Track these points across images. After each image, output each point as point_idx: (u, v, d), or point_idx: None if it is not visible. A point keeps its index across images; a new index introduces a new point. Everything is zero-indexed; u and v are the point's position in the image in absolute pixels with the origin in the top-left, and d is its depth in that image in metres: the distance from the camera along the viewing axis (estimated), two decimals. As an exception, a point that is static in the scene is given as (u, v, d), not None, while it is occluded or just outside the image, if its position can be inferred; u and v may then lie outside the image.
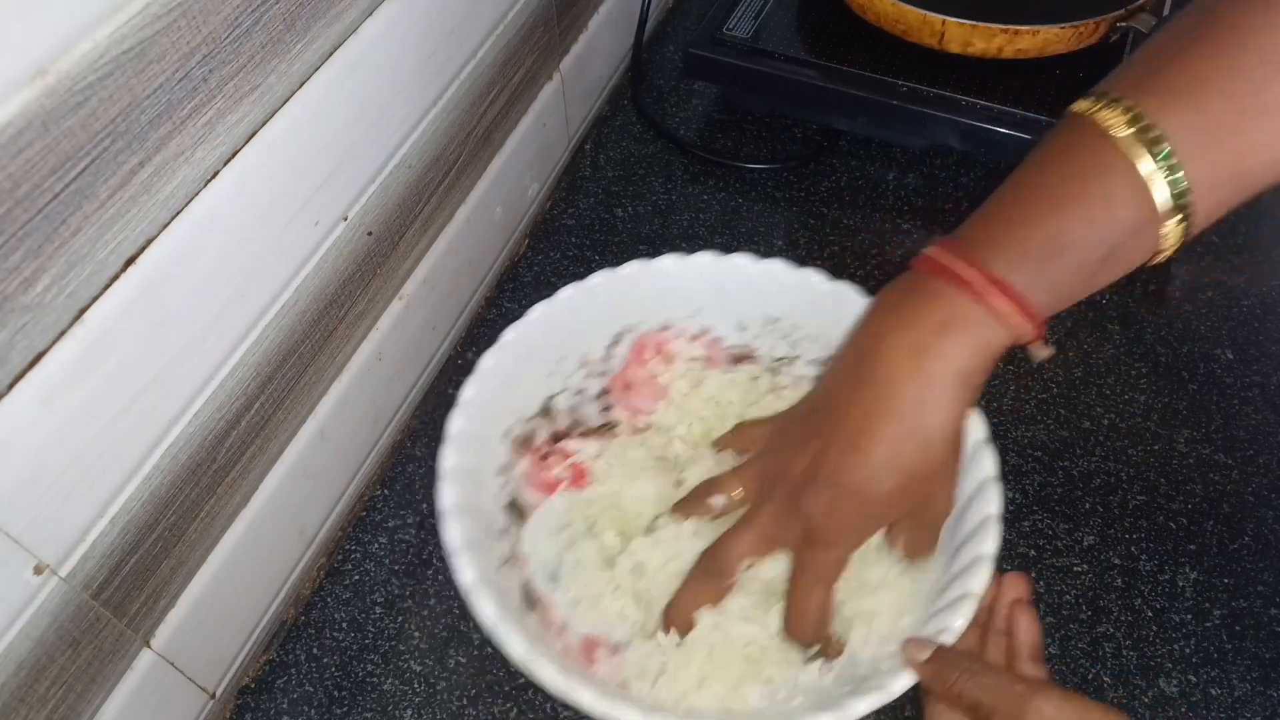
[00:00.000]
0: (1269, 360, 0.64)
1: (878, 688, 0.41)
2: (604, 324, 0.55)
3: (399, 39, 0.50)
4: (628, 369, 0.56)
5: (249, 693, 0.53)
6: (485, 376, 0.50)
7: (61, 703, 0.40)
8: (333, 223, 0.49)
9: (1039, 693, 0.37)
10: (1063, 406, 0.62)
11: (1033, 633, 0.45)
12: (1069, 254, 0.38)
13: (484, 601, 0.42)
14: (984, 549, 0.44)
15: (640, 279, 0.54)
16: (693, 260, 0.55)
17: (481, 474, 0.49)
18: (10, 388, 0.34)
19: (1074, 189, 0.38)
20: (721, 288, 0.55)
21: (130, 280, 0.37)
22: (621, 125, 0.81)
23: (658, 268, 0.54)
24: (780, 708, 0.45)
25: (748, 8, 0.77)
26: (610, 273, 0.54)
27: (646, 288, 0.55)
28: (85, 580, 0.40)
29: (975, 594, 0.43)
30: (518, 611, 0.45)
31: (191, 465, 0.44)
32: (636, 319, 0.56)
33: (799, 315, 0.55)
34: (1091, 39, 0.69)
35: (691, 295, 0.56)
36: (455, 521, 0.44)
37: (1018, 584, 0.47)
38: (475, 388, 0.50)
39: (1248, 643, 0.52)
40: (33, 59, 0.31)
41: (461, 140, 0.60)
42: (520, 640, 0.42)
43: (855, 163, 0.77)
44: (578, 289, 0.53)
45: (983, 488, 0.46)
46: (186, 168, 0.38)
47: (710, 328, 0.57)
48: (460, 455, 0.47)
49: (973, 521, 0.45)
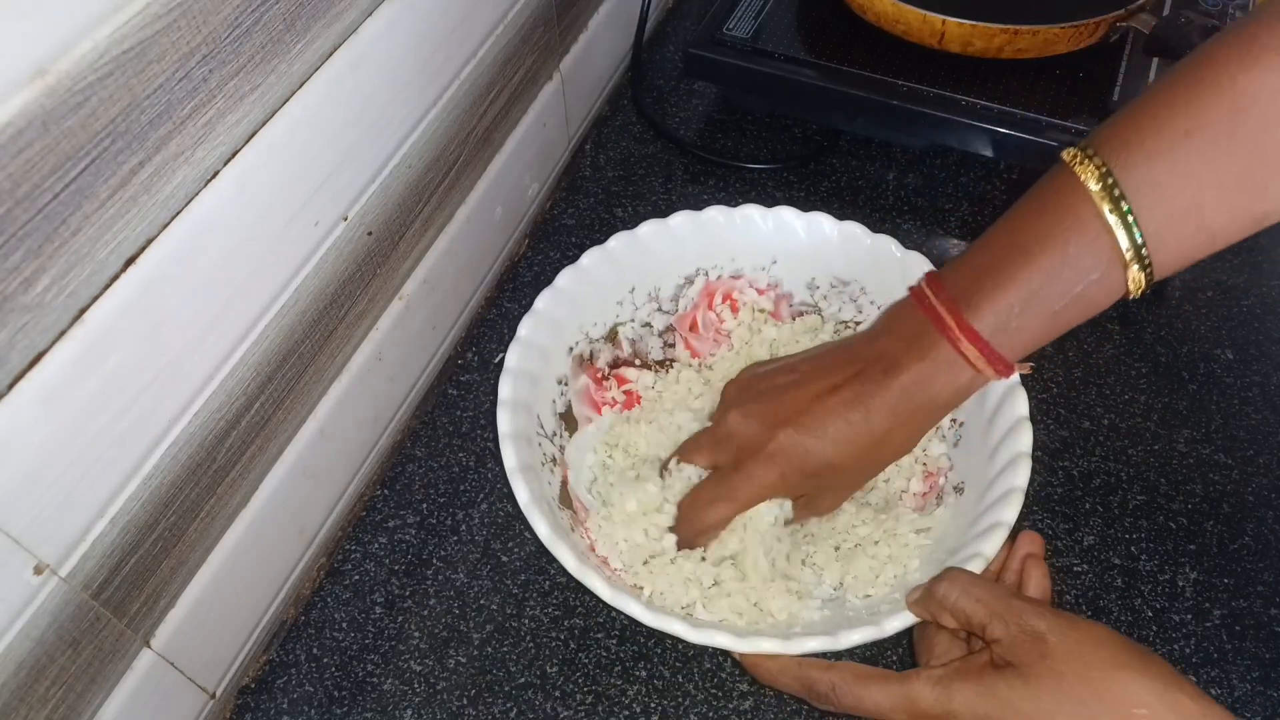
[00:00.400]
0: (1269, 360, 0.64)
1: (871, 623, 0.42)
2: (679, 263, 0.57)
3: (399, 39, 0.50)
4: (695, 310, 0.58)
5: (249, 693, 0.53)
6: (559, 292, 0.53)
7: (61, 703, 0.40)
8: (333, 223, 0.49)
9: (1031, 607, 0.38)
10: (1063, 406, 0.62)
11: (1044, 586, 0.46)
12: (1036, 304, 0.42)
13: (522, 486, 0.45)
14: (1016, 481, 0.45)
15: (721, 224, 0.56)
16: (773, 213, 0.56)
17: (541, 379, 0.52)
18: (10, 388, 0.34)
19: (1044, 241, 0.42)
20: (797, 244, 0.56)
21: (130, 280, 0.37)
22: (621, 125, 0.81)
23: (739, 215, 0.56)
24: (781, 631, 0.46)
25: (748, 8, 0.77)
26: (692, 214, 0.55)
27: (725, 234, 0.56)
28: (85, 580, 0.40)
29: (1006, 523, 0.44)
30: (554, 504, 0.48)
31: (191, 465, 0.44)
32: (711, 263, 0.57)
33: (868, 280, 0.56)
34: (1091, 39, 0.69)
35: (767, 248, 0.57)
36: (509, 413, 0.47)
37: (1032, 541, 0.48)
38: (548, 300, 0.52)
39: (1248, 643, 0.52)
40: (33, 59, 0.31)
41: (461, 140, 0.60)
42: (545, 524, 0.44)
43: (855, 163, 0.77)
44: (659, 225, 0.55)
45: (1015, 426, 0.47)
46: (186, 168, 0.38)
47: (780, 282, 0.58)
48: (524, 358, 0.50)
49: (1005, 457, 0.47)
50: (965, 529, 0.46)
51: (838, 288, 0.57)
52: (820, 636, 0.42)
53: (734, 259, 0.57)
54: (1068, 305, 0.42)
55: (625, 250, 0.55)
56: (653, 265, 0.56)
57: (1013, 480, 0.45)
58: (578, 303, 0.54)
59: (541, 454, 0.50)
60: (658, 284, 0.57)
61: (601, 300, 0.56)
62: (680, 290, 0.58)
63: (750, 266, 0.58)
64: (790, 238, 0.56)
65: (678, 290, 0.58)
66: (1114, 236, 0.40)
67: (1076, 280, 0.42)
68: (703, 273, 0.57)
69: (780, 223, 0.56)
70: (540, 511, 0.44)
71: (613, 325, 0.57)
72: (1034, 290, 0.42)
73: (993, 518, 0.45)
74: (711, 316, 0.58)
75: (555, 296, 0.53)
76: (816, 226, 0.56)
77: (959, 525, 0.48)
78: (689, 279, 0.58)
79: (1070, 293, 0.42)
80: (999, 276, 0.43)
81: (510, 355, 0.50)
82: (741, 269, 0.58)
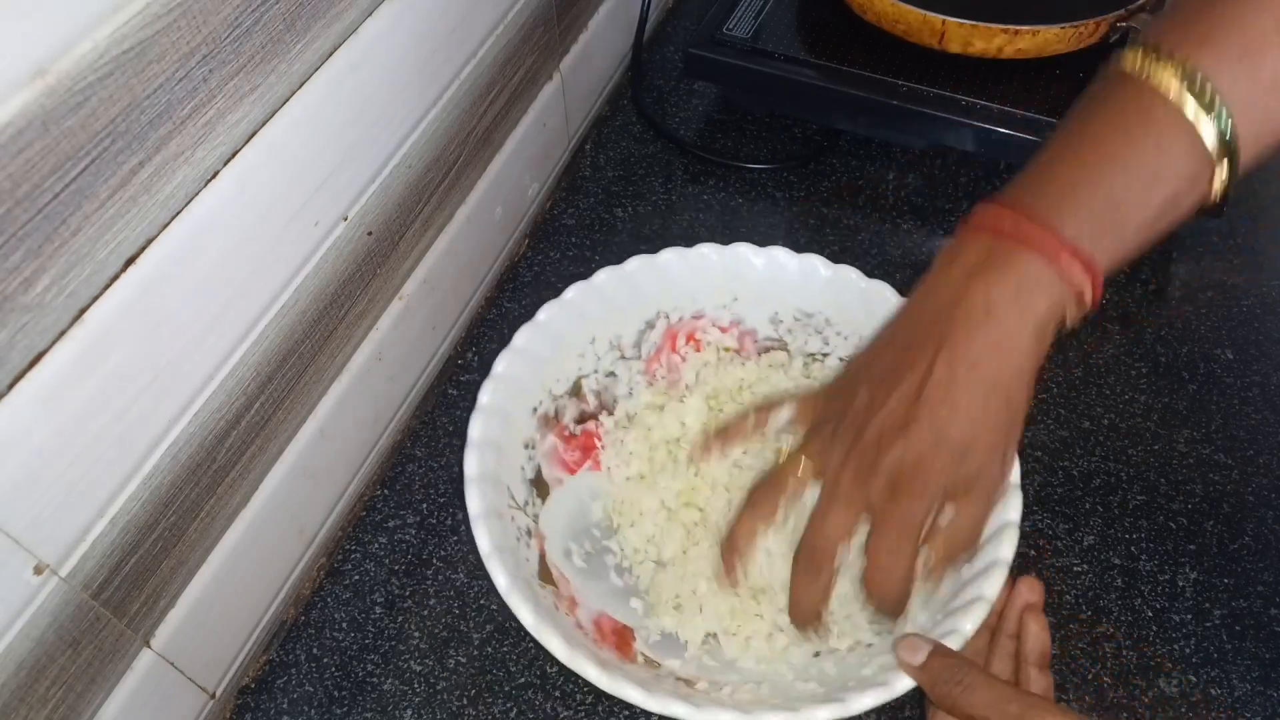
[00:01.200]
0: (1269, 360, 0.64)
1: (881, 683, 0.41)
2: (638, 309, 0.56)
3: (399, 39, 0.50)
4: (659, 354, 0.57)
5: (249, 693, 0.53)
6: (518, 352, 0.51)
7: (61, 703, 0.40)
8: (333, 223, 0.49)
9: (1034, 712, 0.37)
10: (1063, 406, 0.62)
11: (1042, 640, 0.45)
12: (1131, 212, 0.39)
13: (499, 570, 0.43)
14: (1000, 554, 0.43)
15: (676, 266, 0.55)
16: (729, 250, 0.55)
17: (507, 447, 0.50)
18: (10, 388, 0.34)
19: (1132, 148, 0.39)
20: (756, 279, 0.56)
21: (130, 280, 0.37)
22: (621, 125, 0.81)
23: (695, 255, 0.55)
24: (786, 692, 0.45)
25: (748, 8, 0.77)
26: (647, 258, 0.54)
27: (682, 275, 0.55)
28: (85, 580, 0.40)
29: (988, 599, 0.42)
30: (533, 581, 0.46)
31: (191, 465, 0.44)
32: (670, 305, 0.56)
33: (832, 311, 0.55)
34: (1091, 39, 0.69)
35: (726, 285, 0.56)
36: (477, 490, 0.45)
37: (1033, 588, 0.46)
38: (507, 362, 0.50)
39: (1248, 643, 0.52)
40: (33, 59, 0.31)
41: (461, 140, 0.60)
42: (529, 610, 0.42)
43: (855, 163, 0.77)
44: (614, 273, 0.54)
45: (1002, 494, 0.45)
46: (186, 168, 0.38)
47: (743, 319, 0.57)
48: (488, 426, 0.48)
49: (991, 527, 0.45)
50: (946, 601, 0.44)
51: (801, 320, 0.56)
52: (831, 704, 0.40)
53: (694, 299, 0.56)
54: (1164, 210, 0.39)
55: (583, 300, 0.53)
56: (612, 312, 0.55)
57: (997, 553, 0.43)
58: (539, 360, 0.52)
59: (516, 529, 0.47)
60: (619, 331, 0.55)
61: (562, 354, 0.54)
62: (642, 335, 0.56)
63: (711, 305, 0.56)
64: (749, 273, 0.55)
65: (639, 335, 0.56)
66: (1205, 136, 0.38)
67: (1173, 184, 0.38)
68: (663, 315, 0.56)
69: (737, 259, 0.55)
70: (521, 595, 0.42)
71: (576, 379, 0.55)
72: (1130, 197, 0.38)
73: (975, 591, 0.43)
74: (674, 359, 0.57)
75: (514, 357, 0.51)
76: (775, 260, 0.55)
77: None
78: (650, 323, 0.56)
79: (1167, 196, 0.39)
80: (1090, 189, 0.39)
81: (473, 426, 0.48)
82: (703, 309, 0.56)
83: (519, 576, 0.43)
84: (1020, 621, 0.46)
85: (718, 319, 0.57)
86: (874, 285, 0.53)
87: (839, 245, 0.71)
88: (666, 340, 0.57)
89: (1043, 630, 0.45)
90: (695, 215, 0.73)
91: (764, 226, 0.73)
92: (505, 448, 0.49)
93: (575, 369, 0.55)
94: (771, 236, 0.72)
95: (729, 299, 0.56)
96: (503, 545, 0.44)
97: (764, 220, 0.73)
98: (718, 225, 0.73)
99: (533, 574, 0.46)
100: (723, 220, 0.73)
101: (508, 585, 0.42)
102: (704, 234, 0.72)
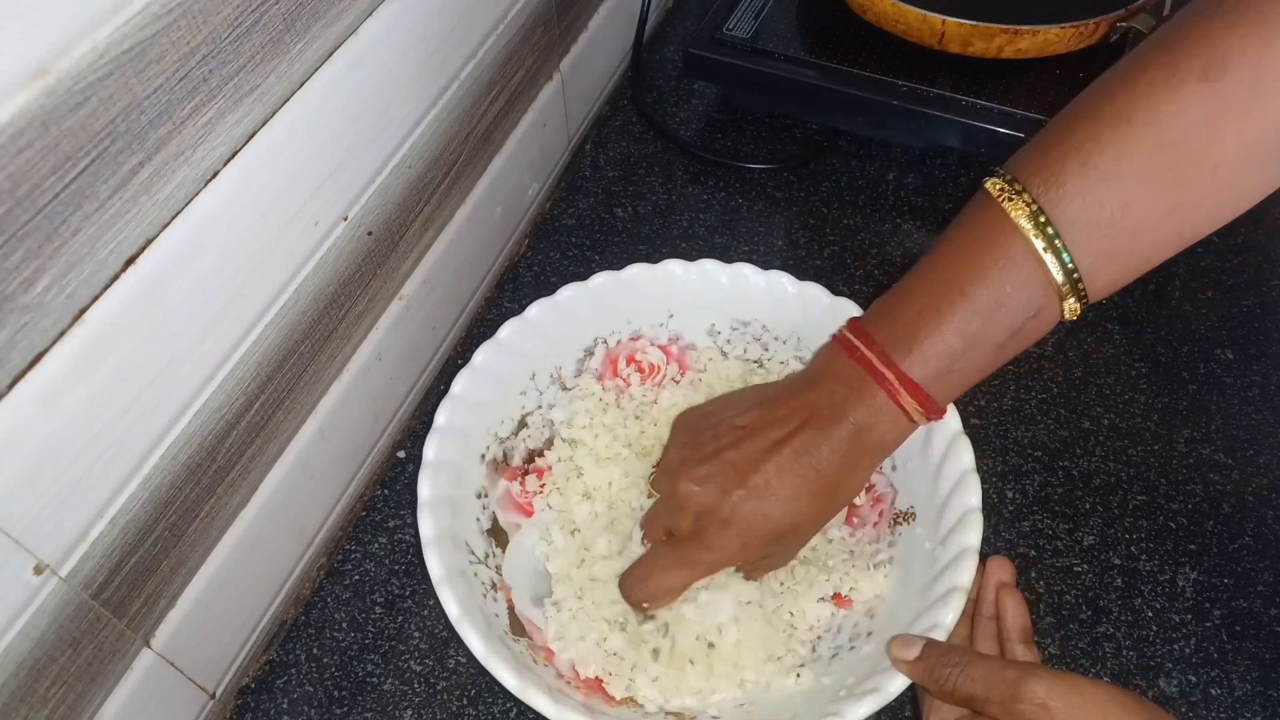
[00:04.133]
0: (1269, 360, 0.64)
1: (874, 689, 0.41)
2: (576, 337, 0.55)
3: (399, 39, 0.50)
4: (601, 380, 0.56)
5: (249, 693, 0.53)
6: (459, 400, 0.50)
7: (61, 703, 0.40)
8: (332, 223, 0.49)
9: (1030, 675, 0.38)
10: (1063, 406, 0.62)
11: (1020, 615, 0.46)
12: (975, 346, 0.41)
13: (472, 634, 0.42)
14: (968, 541, 0.44)
15: (609, 290, 0.54)
16: (660, 268, 0.54)
17: (461, 502, 0.49)
18: (10, 388, 0.34)
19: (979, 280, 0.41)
20: (691, 293, 0.55)
21: (130, 280, 0.37)
22: (621, 125, 0.81)
23: (626, 277, 0.54)
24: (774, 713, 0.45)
25: (748, 8, 0.77)
26: (579, 286, 0.53)
27: (616, 298, 0.55)
28: (85, 580, 0.40)
29: (963, 587, 0.43)
30: (506, 638, 0.45)
31: (191, 465, 0.44)
32: (608, 330, 0.56)
33: (768, 317, 0.55)
34: (1091, 39, 0.69)
35: (661, 303, 0.56)
36: (437, 552, 0.44)
37: (1002, 568, 0.47)
38: (449, 412, 0.49)
39: (1248, 643, 0.52)
40: (33, 59, 0.31)
41: (461, 140, 0.60)
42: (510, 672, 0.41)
43: (855, 163, 0.77)
44: (547, 304, 0.53)
45: (962, 480, 0.46)
46: (186, 168, 0.38)
47: (680, 334, 0.57)
48: (437, 483, 0.47)
49: (955, 514, 0.45)
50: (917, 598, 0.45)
51: (739, 329, 0.56)
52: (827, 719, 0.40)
53: (630, 321, 0.56)
54: (1006, 341, 0.41)
55: (519, 337, 0.52)
56: (550, 346, 0.54)
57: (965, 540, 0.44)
58: (481, 405, 0.51)
59: (480, 585, 0.46)
60: (558, 363, 0.55)
61: (504, 395, 0.53)
62: (582, 364, 0.56)
63: (648, 325, 0.56)
64: (683, 289, 0.55)
65: (579, 365, 0.56)
66: (1049, 271, 0.40)
67: (1015, 317, 0.41)
68: (601, 341, 0.56)
69: (669, 275, 0.55)
70: (499, 657, 0.42)
71: (520, 418, 0.54)
72: (972, 332, 0.41)
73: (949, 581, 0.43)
74: (617, 383, 0.57)
75: (456, 405, 0.49)
76: (706, 274, 0.55)
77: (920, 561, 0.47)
78: (588, 350, 0.56)
79: (1009, 329, 0.41)
80: (935, 320, 0.42)
81: (423, 485, 0.46)
82: (639, 329, 0.56)
83: (492, 636, 0.43)
84: (997, 602, 0.46)
85: (655, 338, 0.57)
86: (806, 288, 0.53)
87: (839, 245, 0.71)
88: (607, 366, 0.56)
89: (1019, 606, 0.46)
90: (695, 215, 0.73)
91: (764, 227, 0.73)
92: (459, 501, 0.48)
93: (519, 407, 0.54)
94: (771, 237, 0.72)
95: (665, 316, 0.56)
96: (470, 605, 0.43)
97: (764, 220, 0.73)
98: (717, 225, 0.73)
99: (505, 630, 0.46)
100: (723, 220, 0.73)
101: (484, 650, 0.42)
102: (704, 234, 0.72)
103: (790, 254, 0.71)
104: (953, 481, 0.46)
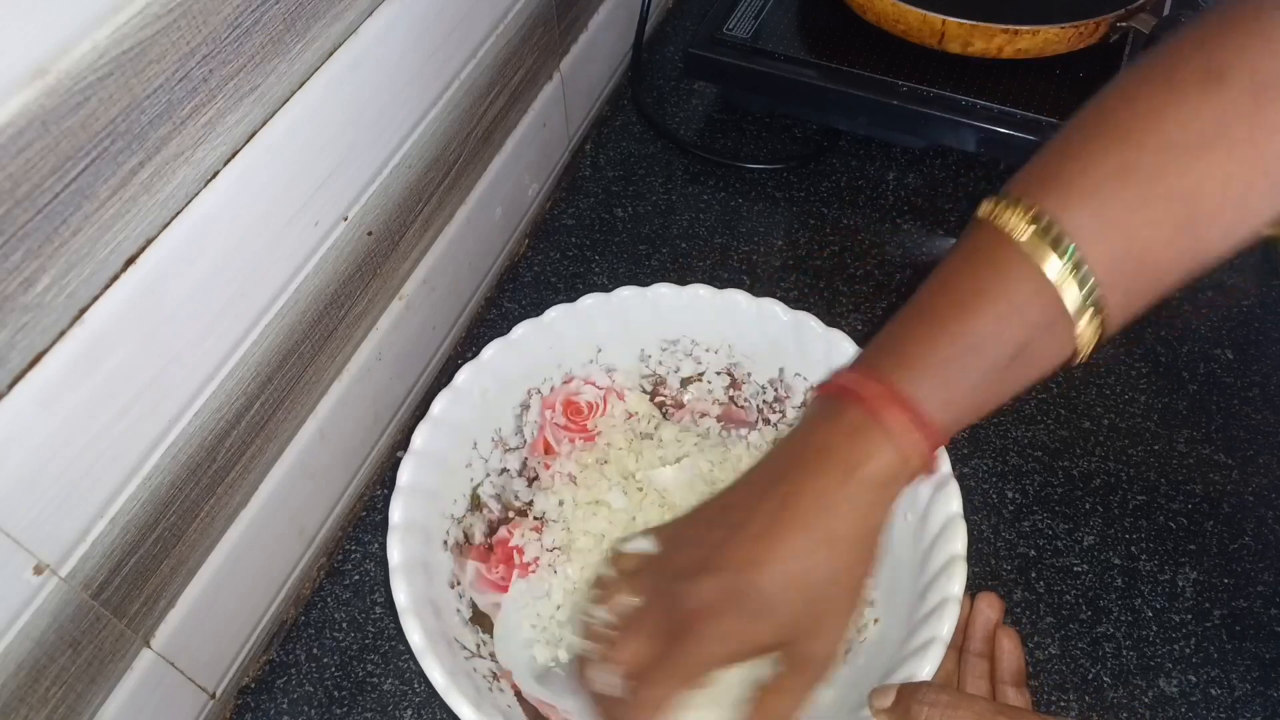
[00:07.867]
0: (1269, 360, 0.64)
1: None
2: (508, 396, 0.54)
3: (399, 39, 0.50)
4: (543, 431, 0.55)
5: (249, 693, 0.53)
6: (410, 490, 0.47)
7: (61, 703, 0.40)
8: (333, 223, 0.49)
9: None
10: (1063, 406, 0.62)
11: (1016, 657, 0.44)
12: (975, 357, 0.37)
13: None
14: (951, 590, 0.42)
15: (533, 339, 0.53)
16: (579, 305, 0.53)
17: (440, 602, 0.46)
18: (10, 388, 0.34)
19: (978, 293, 0.37)
20: (615, 324, 0.54)
21: (130, 280, 0.37)
22: (621, 125, 0.81)
23: (546, 322, 0.53)
24: None
25: (748, 8, 0.77)
26: (502, 341, 0.52)
27: (539, 347, 0.53)
28: (85, 580, 0.40)
29: (943, 639, 0.40)
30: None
31: (191, 465, 0.44)
32: (540, 380, 0.55)
33: (694, 331, 0.55)
34: (1091, 39, 0.69)
35: (587, 340, 0.55)
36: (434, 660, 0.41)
37: (992, 604, 0.46)
38: (403, 506, 0.46)
39: (1248, 643, 0.52)
40: (33, 59, 0.31)
41: (461, 140, 0.60)
42: None
43: (855, 163, 0.77)
44: (474, 367, 0.51)
45: (947, 525, 0.44)
46: (186, 168, 0.38)
47: (614, 366, 0.56)
48: (413, 582, 0.44)
49: (938, 562, 0.43)
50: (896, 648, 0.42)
51: (669, 347, 0.56)
52: None
53: (559, 365, 0.55)
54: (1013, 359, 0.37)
55: (453, 409, 0.50)
56: (485, 412, 0.52)
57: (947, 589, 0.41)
58: (431, 491, 0.48)
59: (482, 679, 0.44)
60: (496, 425, 0.53)
61: (450, 474, 0.50)
62: (520, 421, 0.54)
63: (577, 365, 0.55)
64: (607, 321, 0.54)
65: (517, 422, 0.54)
66: (1060, 287, 0.36)
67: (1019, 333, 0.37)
68: (535, 393, 0.54)
69: (588, 313, 0.53)
70: None
71: (471, 492, 0.52)
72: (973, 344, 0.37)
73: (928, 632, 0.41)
74: (560, 431, 0.55)
75: (409, 496, 0.47)
76: (625, 302, 0.53)
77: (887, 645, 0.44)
78: (524, 405, 0.54)
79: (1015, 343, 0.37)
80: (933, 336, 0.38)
81: (399, 592, 0.43)
82: (570, 372, 0.55)
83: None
84: (992, 641, 0.45)
85: (588, 376, 0.56)
86: (725, 295, 0.53)
87: (839, 245, 0.71)
88: (545, 415, 0.55)
89: (1017, 647, 0.44)
90: (695, 215, 0.73)
91: (764, 227, 0.73)
92: (439, 601, 0.46)
93: (468, 481, 0.52)
94: (771, 237, 0.72)
95: (593, 352, 0.55)
96: (480, 705, 0.40)
97: (764, 220, 0.73)
98: (717, 226, 0.73)
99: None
100: (722, 220, 0.73)
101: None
102: (704, 234, 0.72)
103: (790, 254, 0.71)
104: (938, 526, 0.44)
